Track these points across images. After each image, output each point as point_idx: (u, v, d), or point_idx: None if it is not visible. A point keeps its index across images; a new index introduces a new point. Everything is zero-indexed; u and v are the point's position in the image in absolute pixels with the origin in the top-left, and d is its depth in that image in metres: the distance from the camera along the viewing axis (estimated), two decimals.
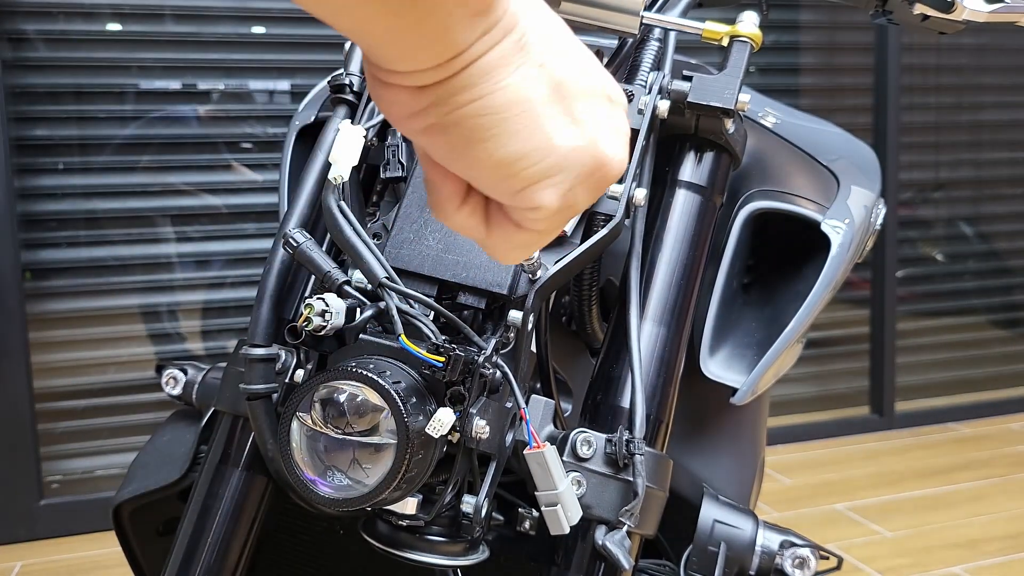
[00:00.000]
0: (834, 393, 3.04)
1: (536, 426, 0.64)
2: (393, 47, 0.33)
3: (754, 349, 0.81)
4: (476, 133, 0.35)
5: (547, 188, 0.37)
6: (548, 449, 0.57)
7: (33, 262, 2.29)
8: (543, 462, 0.57)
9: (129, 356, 2.37)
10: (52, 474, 2.33)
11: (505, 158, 0.36)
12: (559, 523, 0.57)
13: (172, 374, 0.91)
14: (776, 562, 0.73)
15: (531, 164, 0.36)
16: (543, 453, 0.57)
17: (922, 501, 2.48)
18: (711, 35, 0.68)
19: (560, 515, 0.57)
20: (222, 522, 0.69)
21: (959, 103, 3.14)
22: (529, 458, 0.57)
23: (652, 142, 0.67)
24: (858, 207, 0.84)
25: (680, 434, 0.85)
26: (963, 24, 0.77)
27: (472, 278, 0.60)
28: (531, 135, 0.36)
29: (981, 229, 3.24)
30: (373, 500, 0.52)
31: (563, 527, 0.58)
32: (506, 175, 0.37)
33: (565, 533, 0.58)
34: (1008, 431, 3.01)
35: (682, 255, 0.70)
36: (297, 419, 0.54)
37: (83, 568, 2.14)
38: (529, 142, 0.36)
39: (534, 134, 0.36)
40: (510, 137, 0.36)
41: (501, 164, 0.36)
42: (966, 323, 3.22)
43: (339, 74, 0.68)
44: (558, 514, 0.57)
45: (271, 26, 2.37)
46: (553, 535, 0.58)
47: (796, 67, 2.99)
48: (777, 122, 0.95)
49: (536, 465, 0.57)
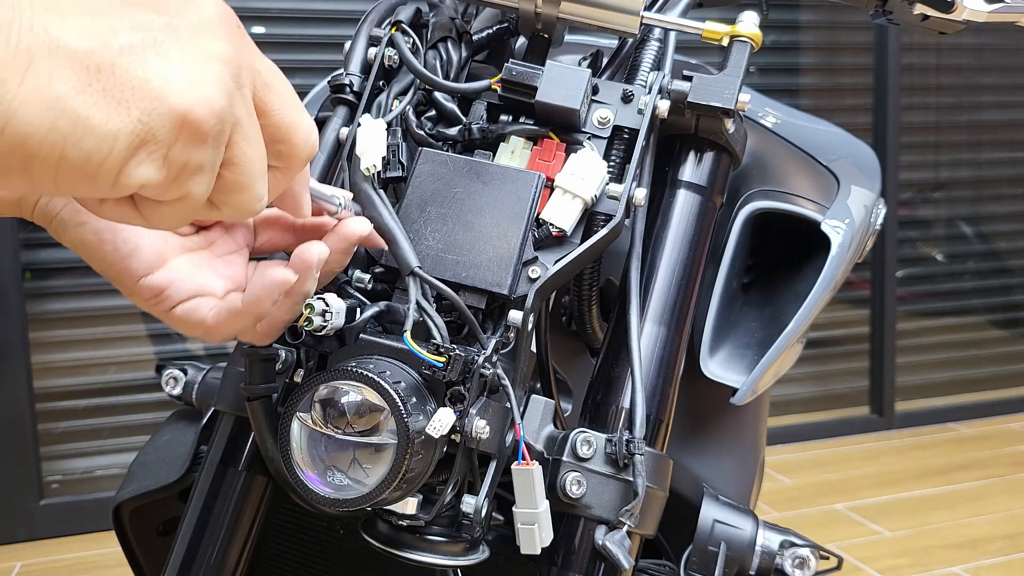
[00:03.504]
0: (834, 393, 3.04)
1: (536, 426, 0.64)
2: None
3: (754, 349, 0.81)
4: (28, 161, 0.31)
5: (137, 168, 0.34)
6: (536, 468, 0.57)
7: (33, 262, 2.29)
8: (529, 480, 0.57)
9: (129, 356, 2.37)
10: (52, 474, 2.33)
11: (73, 168, 0.32)
12: (533, 543, 0.58)
13: (172, 374, 0.91)
14: (776, 562, 0.73)
15: (101, 160, 0.33)
16: (531, 471, 0.57)
17: (922, 501, 2.48)
18: (711, 35, 0.68)
19: (536, 535, 0.58)
20: (222, 522, 0.69)
21: (959, 103, 3.15)
22: (516, 473, 0.58)
23: (652, 142, 0.67)
24: (858, 207, 0.84)
25: (680, 434, 0.85)
26: (963, 24, 0.77)
27: (472, 278, 0.60)
28: (82, 135, 0.32)
29: (981, 229, 3.24)
30: (373, 500, 0.52)
31: (535, 547, 0.58)
32: (88, 180, 0.33)
33: (536, 553, 0.59)
34: (1008, 431, 3.01)
35: (682, 255, 0.70)
36: (297, 419, 0.54)
37: (83, 568, 2.14)
38: (84, 142, 0.32)
39: (88, 130, 0.32)
40: (64, 147, 0.32)
41: (74, 175, 0.32)
42: (966, 323, 3.22)
43: (339, 74, 0.68)
44: (534, 533, 0.58)
45: (271, 26, 2.37)
46: (524, 553, 0.59)
47: (796, 67, 2.99)
48: (777, 122, 0.95)
49: (522, 481, 0.58)
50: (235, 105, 0.37)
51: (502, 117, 0.67)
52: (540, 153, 0.65)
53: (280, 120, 0.41)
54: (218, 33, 0.36)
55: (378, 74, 0.68)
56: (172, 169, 0.35)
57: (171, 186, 0.36)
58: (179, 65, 0.34)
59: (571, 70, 0.65)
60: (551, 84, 0.64)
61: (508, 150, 0.66)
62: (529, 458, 0.58)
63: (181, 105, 0.34)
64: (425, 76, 0.66)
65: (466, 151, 0.66)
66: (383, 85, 0.68)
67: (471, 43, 0.72)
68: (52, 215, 0.49)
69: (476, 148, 0.66)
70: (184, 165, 0.35)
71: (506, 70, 0.65)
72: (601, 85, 0.67)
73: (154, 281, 0.50)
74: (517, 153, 0.66)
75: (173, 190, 0.36)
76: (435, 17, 0.71)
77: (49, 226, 0.50)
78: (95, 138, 0.32)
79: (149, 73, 0.33)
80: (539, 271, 0.61)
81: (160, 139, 0.34)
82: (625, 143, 0.66)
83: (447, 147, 0.66)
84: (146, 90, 0.33)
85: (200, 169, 0.36)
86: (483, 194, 0.62)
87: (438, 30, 0.70)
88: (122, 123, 0.33)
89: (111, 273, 0.50)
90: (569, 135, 0.66)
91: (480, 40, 0.73)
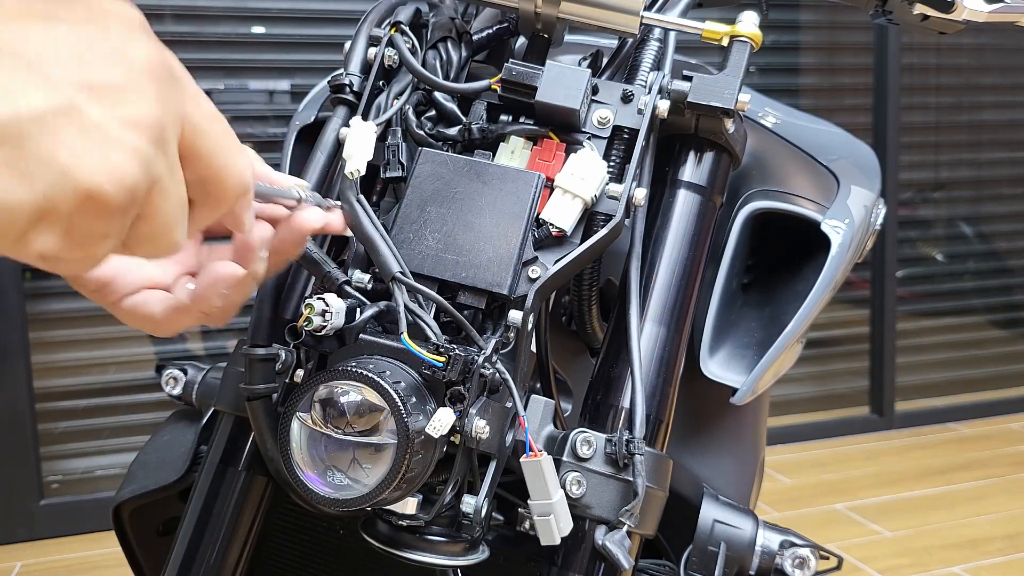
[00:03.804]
0: (834, 393, 3.04)
1: (536, 426, 0.64)
2: None
3: (754, 349, 0.81)
4: None
5: (38, 238, 0.33)
6: (545, 458, 0.57)
7: None
8: (539, 471, 0.57)
9: (129, 356, 2.37)
10: (52, 474, 2.33)
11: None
12: (551, 533, 0.58)
13: (172, 374, 0.91)
14: (776, 562, 0.73)
15: (3, 229, 0.32)
16: (540, 462, 0.57)
17: (922, 501, 2.48)
18: (711, 35, 0.68)
19: (552, 525, 0.58)
20: (222, 522, 0.69)
21: (959, 103, 3.15)
22: (526, 466, 0.57)
23: (652, 142, 0.67)
24: (858, 207, 0.84)
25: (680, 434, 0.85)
26: (963, 24, 0.77)
27: (472, 278, 0.60)
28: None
29: (981, 229, 3.24)
30: (373, 500, 0.52)
31: (554, 537, 0.58)
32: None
33: (556, 543, 0.58)
34: (1008, 431, 3.01)
35: (682, 255, 0.70)
36: (297, 419, 0.54)
37: (83, 568, 2.14)
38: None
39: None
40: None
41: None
42: (966, 323, 3.22)
43: (339, 74, 0.68)
44: (550, 524, 0.58)
45: (271, 26, 2.37)
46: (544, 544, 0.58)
47: (796, 67, 2.99)
48: (777, 122, 0.95)
49: (532, 474, 0.57)
50: (153, 167, 0.35)
51: (502, 117, 0.67)
52: (540, 153, 0.65)
53: (209, 164, 0.40)
54: (142, 91, 0.34)
55: (378, 74, 0.68)
56: (73, 239, 0.34)
57: (73, 251, 0.35)
58: (92, 136, 0.33)
59: (571, 70, 0.65)
60: (551, 84, 0.64)
61: (508, 150, 0.66)
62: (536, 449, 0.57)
63: (88, 183, 0.32)
64: (425, 76, 0.66)
65: (466, 151, 0.66)
66: (383, 85, 0.68)
67: (471, 43, 0.72)
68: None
69: (476, 148, 0.66)
70: (87, 235, 0.34)
71: (506, 70, 0.65)
72: (601, 85, 0.67)
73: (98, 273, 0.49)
74: (517, 153, 0.66)
75: (75, 253, 0.35)
76: (435, 17, 0.71)
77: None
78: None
79: (58, 148, 0.32)
80: (539, 271, 0.61)
81: (62, 213, 0.33)
82: (625, 143, 0.66)
83: (447, 147, 0.66)
84: (53, 166, 0.32)
85: (105, 236, 0.35)
86: (483, 194, 0.62)
87: (438, 30, 0.70)
88: (24, 195, 0.31)
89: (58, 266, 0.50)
90: (569, 135, 0.66)
91: (480, 40, 0.73)
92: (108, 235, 0.35)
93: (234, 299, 0.50)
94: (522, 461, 0.57)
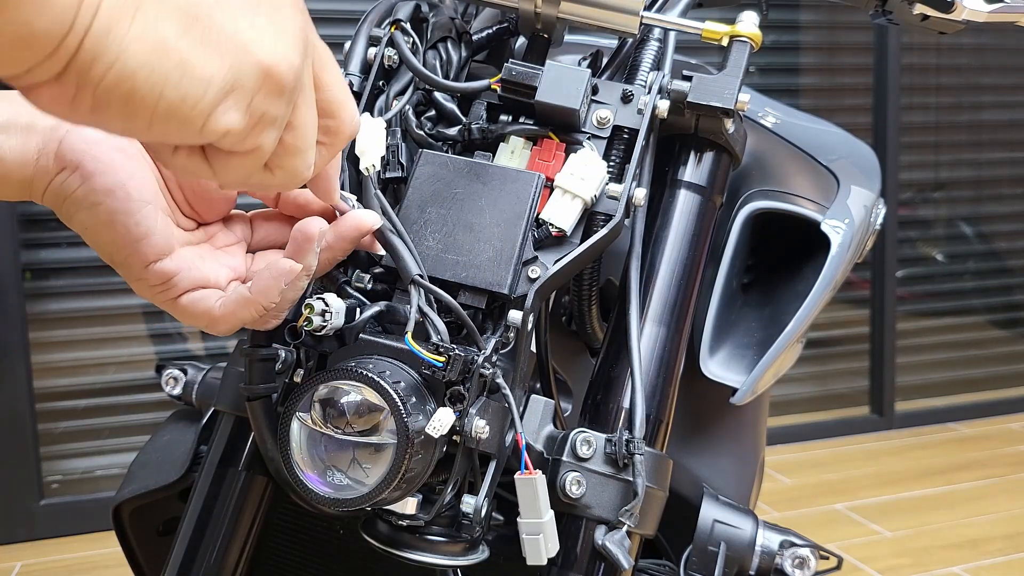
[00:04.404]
0: (834, 393, 3.04)
1: (536, 426, 0.64)
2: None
3: (754, 349, 0.81)
4: (130, 98, 0.34)
5: (225, 114, 0.36)
6: (539, 477, 0.57)
7: (33, 262, 2.29)
8: (533, 489, 0.57)
9: (129, 356, 2.37)
10: (52, 474, 2.33)
11: (169, 109, 0.35)
12: (539, 553, 0.57)
13: (172, 374, 0.91)
14: (776, 562, 0.73)
15: (195, 102, 0.35)
16: (534, 480, 0.57)
17: (922, 501, 2.48)
18: (711, 35, 0.68)
19: (541, 545, 0.57)
20: (222, 522, 0.69)
21: (959, 103, 3.15)
22: (520, 483, 0.57)
23: (652, 142, 0.67)
24: (858, 207, 0.84)
25: (680, 434, 0.85)
26: (963, 24, 0.77)
27: (472, 278, 0.60)
28: (181, 77, 0.34)
29: (981, 229, 3.25)
30: (373, 500, 0.52)
31: (542, 558, 0.58)
32: (180, 122, 0.35)
33: (542, 564, 0.58)
34: (1008, 431, 3.01)
35: (682, 255, 0.70)
36: (297, 419, 0.54)
37: (83, 568, 2.14)
38: (182, 84, 0.34)
39: (183, 74, 0.34)
40: (164, 87, 0.34)
41: (169, 116, 0.35)
42: (966, 323, 3.22)
43: None
44: (539, 544, 0.57)
45: None
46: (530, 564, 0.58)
47: (796, 67, 2.99)
48: (777, 122, 0.95)
49: (526, 491, 0.57)
50: (303, 71, 0.39)
51: (502, 117, 0.67)
52: (540, 153, 0.65)
53: (332, 96, 0.44)
54: (295, 6, 0.39)
55: (378, 74, 0.68)
56: (252, 118, 0.38)
57: (248, 136, 0.38)
58: (264, 24, 0.37)
59: (571, 70, 0.65)
60: (551, 84, 0.64)
61: (508, 150, 0.66)
62: (532, 467, 0.57)
63: (267, 59, 0.37)
64: (425, 76, 0.66)
65: (466, 151, 0.66)
66: (383, 85, 0.68)
67: (471, 43, 0.72)
68: (67, 194, 0.50)
69: (476, 148, 0.66)
70: (262, 116, 0.38)
71: (506, 70, 0.65)
72: (601, 85, 0.67)
73: (164, 267, 0.51)
74: (517, 153, 0.66)
75: (249, 140, 0.39)
76: (435, 17, 0.71)
77: (60, 207, 0.50)
78: (192, 81, 0.35)
79: (240, 26, 0.36)
80: (539, 271, 0.61)
81: (246, 88, 0.37)
82: (625, 143, 0.66)
83: (447, 147, 0.66)
84: (237, 41, 0.36)
85: (274, 122, 0.39)
86: (483, 194, 0.62)
87: (438, 30, 0.70)
88: (216, 69, 0.35)
89: (119, 257, 0.51)
90: (569, 135, 0.66)
91: (480, 40, 0.73)
92: (276, 121, 0.39)
93: (288, 295, 0.53)
94: (516, 478, 0.57)
